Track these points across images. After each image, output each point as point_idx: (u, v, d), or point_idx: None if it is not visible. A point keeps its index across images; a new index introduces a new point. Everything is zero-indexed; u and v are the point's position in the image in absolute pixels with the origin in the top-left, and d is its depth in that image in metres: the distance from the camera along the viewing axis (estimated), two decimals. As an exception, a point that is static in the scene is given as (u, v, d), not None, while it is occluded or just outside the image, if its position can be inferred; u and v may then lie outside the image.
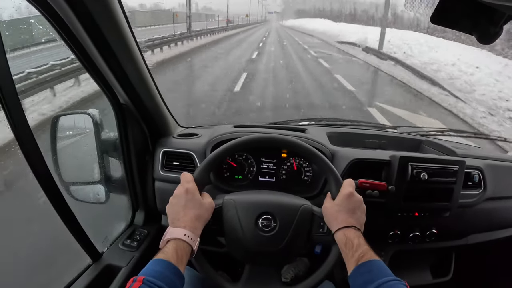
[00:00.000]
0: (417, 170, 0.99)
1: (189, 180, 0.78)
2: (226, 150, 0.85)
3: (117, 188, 1.12)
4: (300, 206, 0.83)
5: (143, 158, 1.13)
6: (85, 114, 1.02)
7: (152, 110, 1.04)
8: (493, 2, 0.36)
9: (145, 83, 0.95)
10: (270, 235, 0.80)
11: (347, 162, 1.06)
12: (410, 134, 1.40)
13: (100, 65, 0.81)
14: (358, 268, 0.67)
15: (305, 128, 1.26)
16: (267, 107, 5.95)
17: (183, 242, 0.68)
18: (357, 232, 0.73)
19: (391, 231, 1.11)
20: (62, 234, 0.86)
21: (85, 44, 0.75)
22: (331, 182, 0.84)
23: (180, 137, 1.18)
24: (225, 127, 1.22)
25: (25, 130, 0.71)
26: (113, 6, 0.71)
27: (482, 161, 1.19)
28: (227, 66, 10.89)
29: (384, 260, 1.17)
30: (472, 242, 1.25)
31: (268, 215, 0.81)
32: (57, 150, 0.99)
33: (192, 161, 1.10)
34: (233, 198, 0.83)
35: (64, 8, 0.65)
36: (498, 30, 0.43)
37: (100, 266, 0.96)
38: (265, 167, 1.14)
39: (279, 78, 8.89)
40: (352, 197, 0.78)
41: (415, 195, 1.03)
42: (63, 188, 0.97)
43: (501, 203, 1.20)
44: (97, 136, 1.03)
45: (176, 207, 0.75)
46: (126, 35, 0.79)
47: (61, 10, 0.66)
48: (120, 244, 1.06)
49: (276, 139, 0.88)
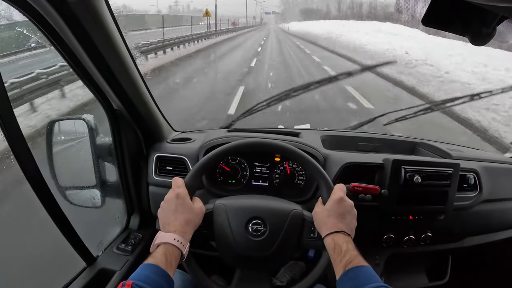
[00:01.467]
0: (410, 174, 0.99)
1: (180, 185, 0.78)
2: (217, 155, 0.85)
3: (113, 193, 1.13)
4: (290, 211, 0.83)
5: (138, 163, 1.14)
6: (80, 119, 1.03)
7: (145, 115, 1.05)
8: (485, 3, 0.35)
9: (138, 89, 0.96)
10: (260, 240, 0.80)
11: (340, 166, 1.06)
12: (405, 137, 1.40)
13: (91, 71, 0.82)
14: (346, 274, 0.67)
15: (299, 132, 1.26)
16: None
17: (172, 246, 0.69)
18: (346, 237, 0.73)
19: (385, 234, 1.10)
20: (57, 238, 0.88)
21: (75, 50, 0.76)
22: (322, 186, 0.83)
23: (173, 142, 1.19)
24: (218, 132, 1.22)
25: (18, 136, 0.72)
26: (101, 11, 0.71)
27: (477, 163, 1.18)
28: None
29: (379, 264, 1.17)
30: (468, 244, 1.24)
31: (258, 220, 0.82)
32: (53, 155, 1.00)
33: (185, 166, 1.11)
34: (223, 203, 0.84)
35: (52, 14, 0.65)
36: (491, 31, 0.42)
37: (95, 270, 0.97)
38: (259, 171, 1.14)
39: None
40: (342, 202, 0.77)
41: (409, 199, 1.02)
42: (58, 193, 0.99)
43: (498, 205, 1.19)
44: (92, 141, 1.04)
45: (166, 211, 0.76)
46: (116, 40, 0.79)
47: (49, 16, 0.67)
48: (115, 248, 1.07)
49: (266, 144, 0.88)
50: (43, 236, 1.61)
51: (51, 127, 1.01)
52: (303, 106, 5.56)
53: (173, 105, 5.84)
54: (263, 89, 7.32)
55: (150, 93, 1.04)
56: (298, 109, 5.37)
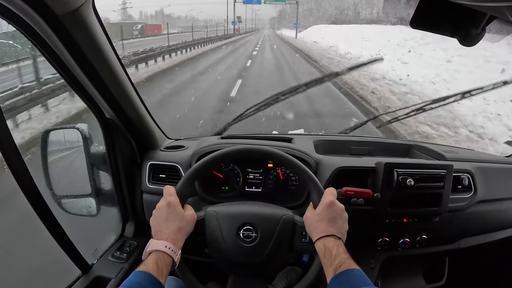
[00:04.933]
0: (403, 176, 0.99)
1: (171, 193, 0.79)
2: (208, 162, 0.86)
3: (108, 201, 1.13)
4: (281, 216, 0.83)
5: (131, 171, 1.14)
6: (74, 128, 1.04)
7: (138, 123, 1.05)
8: (473, 4, 0.35)
9: (129, 98, 0.97)
10: (251, 246, 0.81)
11: (332, 171, 1.06)
12: (399, 140, 1.40)
13: (82, 80, 0.83)
14: (336, 278, 0.67)
15: (292, 138, 1.26)
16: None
17: (163, 253, 0.69)
18: (337, 241, 0.74)
19: (380, 238, 1.10)
20: (52, 246, 0.88)
21: (66, 61, 0.77)
22: (313, 191, 0.84)
23: (167, 149, 1.20)
24: (211, 139, 1.23)
25: (10, 146, 0.73)
26: (91, 22, 0.73)
27: (471, 164, 1.18)
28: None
29: (375, 268, 1.17)
30: (464, 246, 1.24)
31: (249, 226, 0.82)
32: (48, 164, 1.01)
33: (178, 174, 1.11)
34: (215, 210, 0.84)
35: (42, 26, 0.66)
36: (480, 32, 0.42)
37: (90, 278, 0.97)
38: (252, 177, 1.15)
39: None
40: (333, 206, 0.78)
41: (403, 201, 1.02)
42: (53, 202, 1.00)
43: (493, 205, 1.19)
44: (87, 150, 1.05)
45: (158, 219, 0.76)
46: (105, 50, 0.80)
47: (39, 27, 0.67)
48: (110, 256, 1.07)
49: (256, 150, 0.89)
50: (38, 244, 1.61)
51: (46, 137, 1.02)
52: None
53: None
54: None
55: (143, 101, 1.05)
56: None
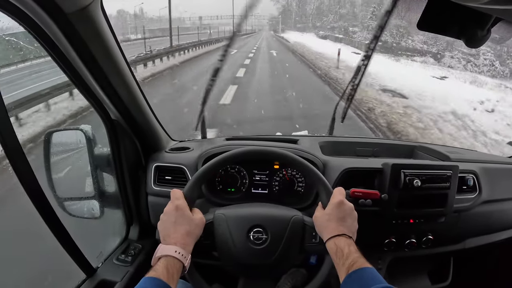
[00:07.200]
0: (410, 177, 0.99)
1: (179, 196, 0.78)
2: (215, 164, 0.85)
3: (112, 203, 1.12)
4: (291, 217, 0.82)
5: (136, 173, 1.13)
6: (77, 130, 1.03)
7: (143, 125, 1.04)
8: (480, 6, 0.35)
9: (135, 99, 0.96)
10: (262, 248, 0.79)
11: (339, 172, 1.06)
12: (403, 141, 1.40)
13: (88, 80, 0.82)
14: (349, 276, 0.66)
15: (297, 139, 1.26)
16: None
17: (173, 259, 0.68)
18: (348, 240, 0.73)
19: (387, 239, 1.10)
20: (57, 249, 0.86)
21: (73, 60, 0.76)
22: (321, 191, 0.83)
23: (172, 151, 1.18)
24: (217, 140, 1.22)
25: (15, 147, 0.71)
26: (98, 21, 0.71)
27: (476, 164, 1.18)
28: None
29: (381, 268, 1.16)
30: (469, 246, 1.24)
31: (259, 228, 0.81)
32: (51, 166, 0.99)
33: (184, 175, 1.10)
34: (223, 213, 0.83)
35: (49, 24, 0.65)
36: (485, 34, 0.43)
37: (95, 281, 0.96)
38: (258, 179, 1.14)
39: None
40: (342, 205, 0.77)
41: (409, 202, 1.02)
42: (57, 204, 0.98)
43: (497, 205, 1.20)
44: (90, 152, 1.04)
45: (166, 224, 0.75)
46: (113, 50, 0.79)
47: (46, 25, 0.67)
48: (115, 259, 1.06)
49: (264, 151, 0.88)
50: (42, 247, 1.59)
51: (49, 138, 1.00)
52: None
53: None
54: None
55: (148, 103, 1.04)
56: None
